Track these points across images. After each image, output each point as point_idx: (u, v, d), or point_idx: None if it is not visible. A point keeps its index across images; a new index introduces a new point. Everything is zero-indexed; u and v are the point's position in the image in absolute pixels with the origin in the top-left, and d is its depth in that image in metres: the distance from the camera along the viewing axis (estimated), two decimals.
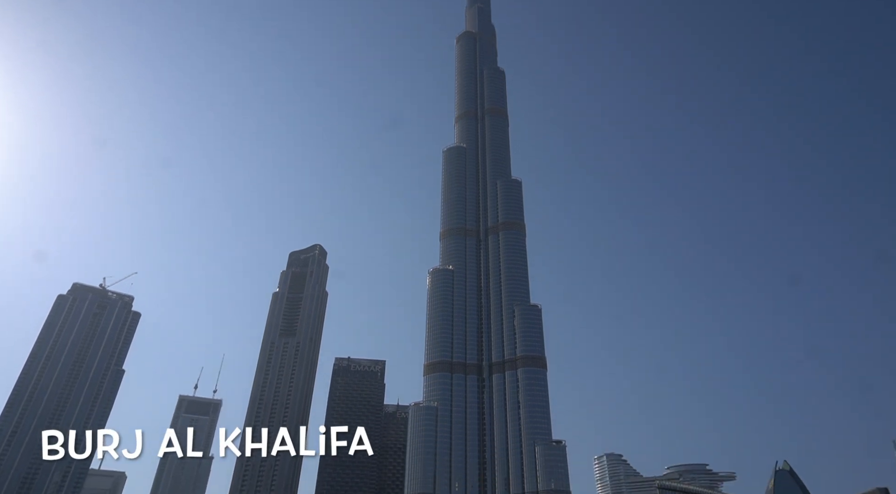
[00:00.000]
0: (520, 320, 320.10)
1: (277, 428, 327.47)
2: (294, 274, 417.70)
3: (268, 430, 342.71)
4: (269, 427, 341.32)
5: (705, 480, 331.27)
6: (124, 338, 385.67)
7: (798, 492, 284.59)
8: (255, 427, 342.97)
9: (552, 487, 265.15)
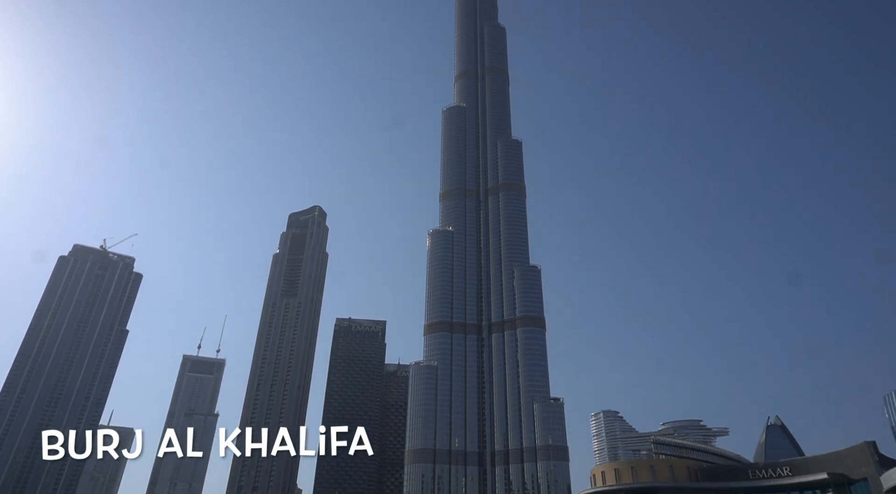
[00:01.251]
0: (519, 281, 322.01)
1: (281, 386, 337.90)
2: (294, 235, 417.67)
3: (271, 388, 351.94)
4: (273, 385, 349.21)
5: (699, 435, 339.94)
6: (127, 299, 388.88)
7: (788, 446, 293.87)
8: (259, 386, 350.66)
9: (550, 442, 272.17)
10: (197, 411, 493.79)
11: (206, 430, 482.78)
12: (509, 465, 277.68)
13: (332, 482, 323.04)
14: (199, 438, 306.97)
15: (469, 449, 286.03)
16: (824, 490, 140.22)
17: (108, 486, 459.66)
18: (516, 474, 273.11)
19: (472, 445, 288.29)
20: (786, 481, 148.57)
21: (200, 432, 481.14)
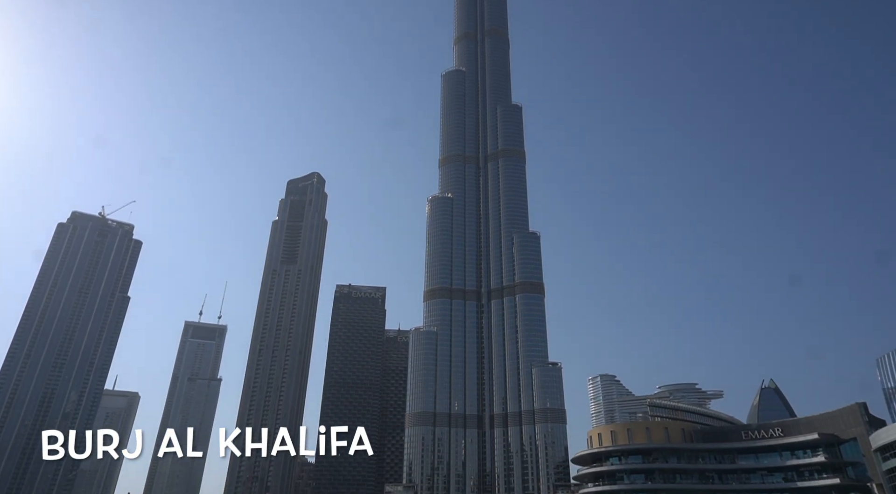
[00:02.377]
0: (518, 247, 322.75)
1: (282, 352, 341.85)
2: (293, 202, 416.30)
3: (273, 354, 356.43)
4: (274, 351, 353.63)
5: (694, 398, 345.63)
6: (127, 266, 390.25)
7: (781, 408, 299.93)
8: (261, 352, 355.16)
9: (547, 406, 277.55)
10: (200, 376, 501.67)
11: (209, 394, 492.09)
12: (508, 428, 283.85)
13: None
14: (202, 403, 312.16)
15: (468, 413, 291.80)
16: (814, 450, 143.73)
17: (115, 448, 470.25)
18: (515, 436, 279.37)
19: (472, 408, 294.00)
20: (777, 441, 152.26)
21: (203, 398, 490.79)
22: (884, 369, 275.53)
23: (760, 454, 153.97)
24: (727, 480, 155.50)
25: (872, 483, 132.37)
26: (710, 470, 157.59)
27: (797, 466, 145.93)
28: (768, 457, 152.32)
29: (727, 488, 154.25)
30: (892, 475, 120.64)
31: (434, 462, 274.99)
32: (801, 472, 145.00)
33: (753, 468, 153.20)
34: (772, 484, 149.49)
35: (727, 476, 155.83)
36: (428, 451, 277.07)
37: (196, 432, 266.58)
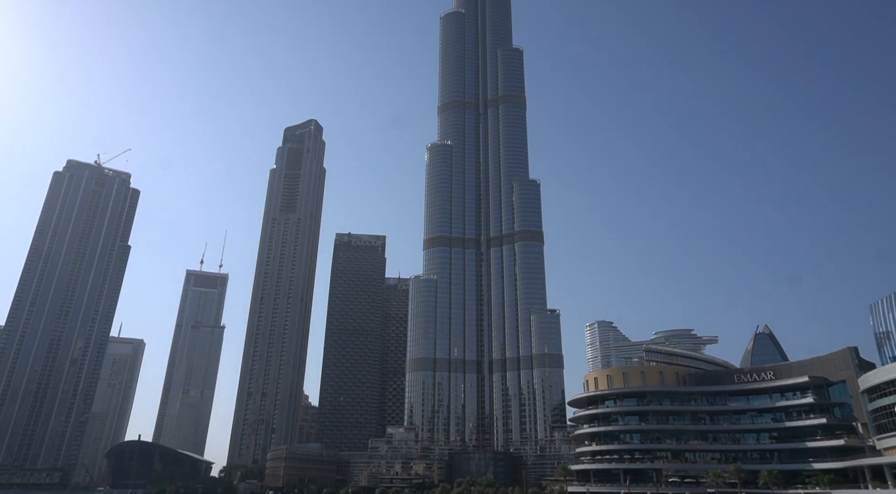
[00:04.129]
0: (518, 195, 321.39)
1: (284, 300, 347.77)
2: (290, 150, 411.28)
3: (275, 302, 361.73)
4: (276, 299, 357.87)
5: (689, 343, 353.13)
6: (126, 215, 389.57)
7: (775, 352, 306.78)
8: (263, 300, 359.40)
9: (545, 351, 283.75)
10: (203, 323, 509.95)
11: (213, 341, 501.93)
12: (506, 372, 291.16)
13: (337, 388, 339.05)
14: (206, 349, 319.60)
15: (468, 358, 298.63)
16: (804, 392, 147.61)
17: (124, 393, 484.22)
18: (513, 380, 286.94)
19: (471, 354, 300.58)
20: (768, 384, 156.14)
21: (207, 345, 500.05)
22: (876, 315, 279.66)
23: (751, 396, 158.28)
24: (718, 421, 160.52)
25: (857, 422, 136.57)
26: (702, 412, 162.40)
27: (786, 407, 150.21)
28: (759, 399, 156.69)
29: (718, 428, 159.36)
30: (877, 414, 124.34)
31: (434, 405, 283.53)
32: (790, 413, 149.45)
33: (744, 409, 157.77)
34: (760, 425, 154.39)
35: (718, 417, 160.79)
36: (428, 395, 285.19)
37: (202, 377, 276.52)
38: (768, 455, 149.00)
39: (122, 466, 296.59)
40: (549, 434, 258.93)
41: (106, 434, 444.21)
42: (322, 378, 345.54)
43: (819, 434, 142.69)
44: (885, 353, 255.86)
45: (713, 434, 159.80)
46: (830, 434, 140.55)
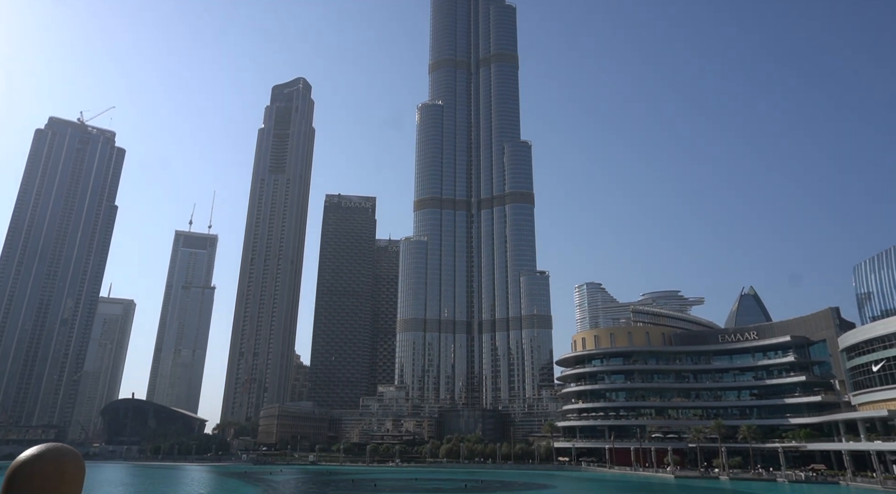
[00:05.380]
0: (509, 157, 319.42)
1: (274, 261, 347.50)
2: (279, 109, 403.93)
3: (265, 262, 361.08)
4: (266, 259, 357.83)
5: (676, 304, 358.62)
6: (112, 174, 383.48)
7: (759, 313, 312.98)
8: (253, 261, 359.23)
9: (535, 312, 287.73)
10: (194, 284, 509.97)
11: (204, 302, 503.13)
12: (496, 333, 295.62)
13: (328, 348, 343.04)
14: (197, 309, 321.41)
15: (458, 319, 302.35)
16: (785, 351, 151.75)
17: (115, 352, 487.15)
18: (502, 341, 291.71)
19: (461, 315, 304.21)
20: (752, 343, 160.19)
21: (198, 305, 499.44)
22: (859, 276, 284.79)
23: (734, 355, 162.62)
24: (702, 379, 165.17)
25: (835, 379, 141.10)
26: (686, 371, 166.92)
27: (767, 366, 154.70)
28: (741, 358, 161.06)
29: (701, 386, 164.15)
30: (855, 372, 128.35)
31: (425, 364, 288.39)
32: (771, 371, 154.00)
33: (726, 368, 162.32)
34: (742, 382, 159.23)
35: (702, 375, 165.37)
36: (419, 355, 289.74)
37: (194, 337, 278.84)
38: (748, 412, 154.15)
39: (116, 423, 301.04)
40: (536, 392, 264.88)
41: (99, 393, 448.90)
42: (313, 338, 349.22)
43: (798, 391, 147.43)
44: (865, 314, 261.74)
45: (696, 392, 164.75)
46: (809, 391, 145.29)
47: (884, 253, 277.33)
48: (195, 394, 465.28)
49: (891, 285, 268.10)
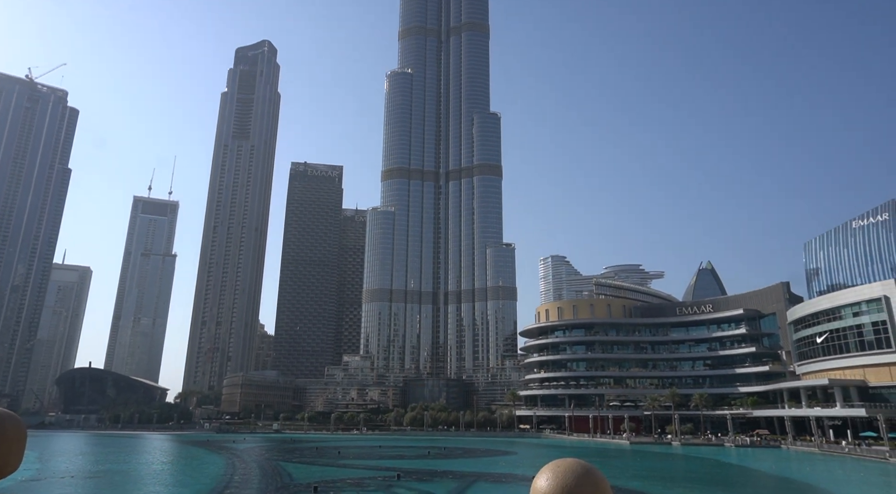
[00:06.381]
0: (478, 128, 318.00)
1: (238, 228, 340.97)
2: (243, 72, 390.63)
3: (228, 230, 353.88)
4: (230, 227, 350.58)
5: (637, 278, 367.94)
6: (65, 136, 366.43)
7: (715, 287, 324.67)
8: (216, 228, 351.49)
9: (500, 284, 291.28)
10: (154, 251, 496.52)
11: (164, 269, 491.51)
12: (461, 304, 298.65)
13: (293, 317, 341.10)
14: (157, 278, 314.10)
15: (424, 289, 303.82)
16: (738, 324, 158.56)
17: (71, 320, 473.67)
18: (467, 311, 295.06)
19: (427, 285, 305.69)
20: (707, 316, 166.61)
21: (159, 273, 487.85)
22: (809, 252, 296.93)
23: (690, 327, 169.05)
24: (659, 350, 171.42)
25: (782, 350, 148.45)
26: (645, 342, 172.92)
27: (720, 337, 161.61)
28: (697, 330, 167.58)
29: (658, 357, 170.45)
30: (800, 343, 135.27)
31: (390, 334, 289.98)
32: (724, 342, 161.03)
33: (683, 339, 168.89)
34: (697, 353, 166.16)
35: (659, 346, 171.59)
36: (384, 325, 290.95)
37: (154, 305, 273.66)
38: (701, 381, 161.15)
39: (73, 392, 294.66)
40: (500, 362, 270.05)
41: (54, 362, 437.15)
42: (278, 307, 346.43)
43: (748, 361, 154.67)
44: (813, 288, 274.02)
45: (653, 363, 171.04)
46: (758, 362, 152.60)
47: (832, 231, 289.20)
48: (156, 363, 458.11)
49: (837, 261, 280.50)
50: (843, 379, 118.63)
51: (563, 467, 2.47)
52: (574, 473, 2.42)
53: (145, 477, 71.84)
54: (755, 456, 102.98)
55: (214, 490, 56.01)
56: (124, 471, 77.64)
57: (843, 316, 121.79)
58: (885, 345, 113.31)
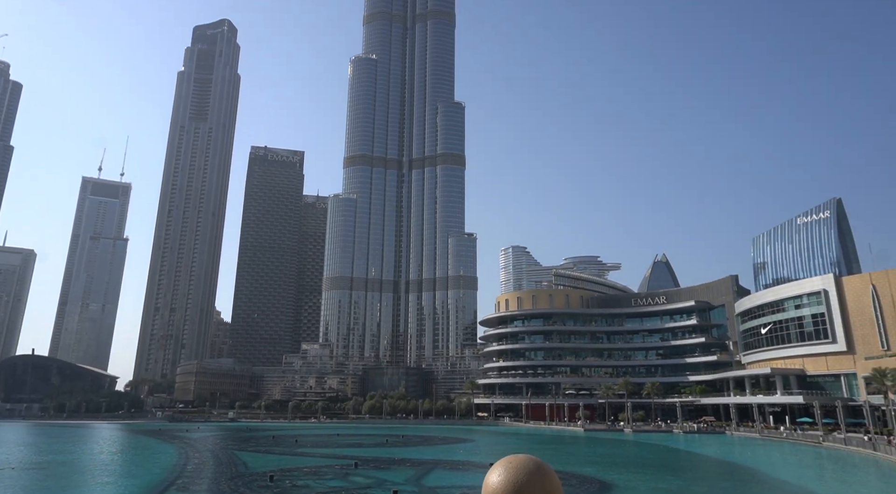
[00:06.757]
0: (442, 117, 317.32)
1: (194, 213, 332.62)
2: (201, 51, 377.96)
3: (184, 215, 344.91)
4: (185, 212, 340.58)
5: (595, 269, 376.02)
6: (6, 111, 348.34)
7: (669, 279, 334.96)
8: (171, 212, 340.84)
9: (461, 273, 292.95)
10: (104, 235, 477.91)
11: (115, 254, 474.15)
12: (422, 292, 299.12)
13: (251, 304, 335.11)
14: (108, 262, 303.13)
15: (385, 278, 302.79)
16: (689, 315, 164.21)
17: (13, 305, 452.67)
18: (428, 300, 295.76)
19: (389, 274, 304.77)
20: (660, 307, 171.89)
21: (109, 257, 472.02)
22: (757, 247, 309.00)
23: (644, 318, 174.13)
24: (614, 340, 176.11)
25: (730, 340, 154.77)
26: (601, 332, 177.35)
27: (673, 328, 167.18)
28: (651, 321, 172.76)
29: (613, 346, 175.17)
30: (746, 334, 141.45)
31: (350, 322, 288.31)
32: (676, 333, 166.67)
33: (637, 330, 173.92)
34: (650, 343, 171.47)
35: (614, 336, 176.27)
36: (344, 313, 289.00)
37: (104, 291, 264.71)
38: (653, 370, 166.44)
39: (14, 380, 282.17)
40: (459, 351, 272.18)
41: None
42: (235, 294, 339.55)
43: (697, 351, 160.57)
44: (760, 281, 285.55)
45: (608, 352, 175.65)
46: (707, 352, 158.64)
47: (779, 227, 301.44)
48: (105, 351, 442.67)
49: (782, 256, 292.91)
50: (784, 368, 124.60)
51: (514, 463, 2.49)
52: (525, 469, 2.45)
53: (92, 468, 69.72)
54: (701, 442, 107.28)
55: (166, 481, 54.87)
56: (70, 462, 75.16)
57: (785, 309, 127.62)
58: (822, 336, 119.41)
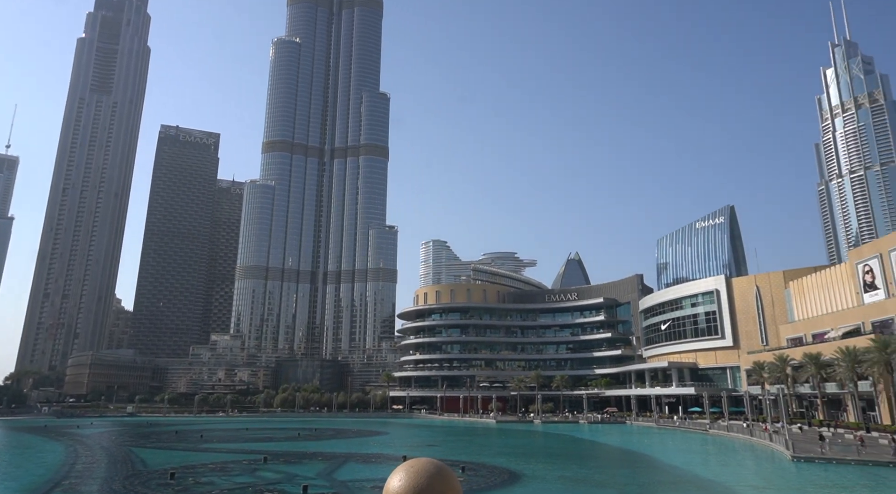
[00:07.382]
0: (366, 107, 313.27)
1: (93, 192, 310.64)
2: (105, 18, 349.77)
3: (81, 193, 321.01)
4: (84, 191, 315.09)
5: (512, 265, 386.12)
6: None
7: (581, 276, 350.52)
8: (66, 190, 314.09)
9: (381, 266, 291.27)
10: None
11: None
12: (340, 284, 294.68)
13: (156, 292, 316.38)
14: None
15: (302, 268, 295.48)
16: (598, 311, 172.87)
17: None
18: (346, 292, 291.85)
19: (306, 264, 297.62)
20: (572, 303, 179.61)
21: None
22: (661, 248, 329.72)
23: (557, 313, 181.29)
24: (528, 334, 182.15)
25: (633, 336, 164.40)
26: (516, 326, 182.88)
27: (582, 323, 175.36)
28: (562, 316, 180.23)
29: (527, 340, 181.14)
30: (648, 330, 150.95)
31: (264, 313, 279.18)
32: (585, 328, 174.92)
33: (550, 325, 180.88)
34: (562, 337, 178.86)
35: (528, 331, 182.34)
36: (258, 303, 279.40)
37: None
38: (563, 364, 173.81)
39: None
40: (377, 344, 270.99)
41: None
42: (139, 281, 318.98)
43: (604, 346, 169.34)
44: (662, 281, 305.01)
45: (521, 346, 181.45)
46: (612, 346, 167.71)
47: (681, 230, 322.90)
48: None
49: (682, 257, 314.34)
50: (679, 361, 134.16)
51: (416, 467, 2.50)
52: (427, 473, 2.46)
53: None
54: (604, 431, 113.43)
55: (51, 481, 50.74)
56: None
57: (683, 307, 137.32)
58: (713, 332, 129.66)
